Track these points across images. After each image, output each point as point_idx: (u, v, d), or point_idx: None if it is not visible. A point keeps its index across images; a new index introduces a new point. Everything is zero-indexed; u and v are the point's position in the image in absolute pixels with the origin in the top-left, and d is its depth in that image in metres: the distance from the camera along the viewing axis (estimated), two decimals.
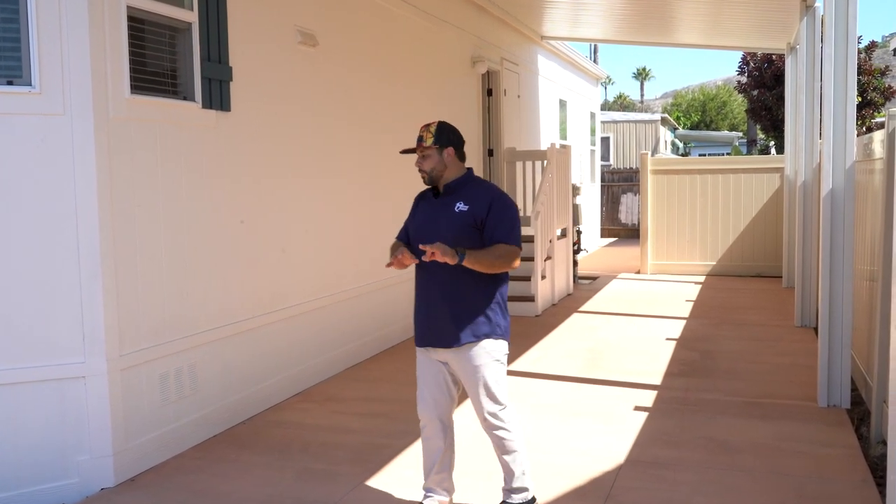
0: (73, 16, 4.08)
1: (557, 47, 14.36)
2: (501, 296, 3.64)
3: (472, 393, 3.62)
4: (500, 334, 3.61)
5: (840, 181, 5.31)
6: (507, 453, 3.67)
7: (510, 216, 3.58)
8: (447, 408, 3.77)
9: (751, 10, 10.17)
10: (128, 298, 4.42)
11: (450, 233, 3.54)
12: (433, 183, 3.72)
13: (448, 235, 3.52)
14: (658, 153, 27.38)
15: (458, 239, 3.50)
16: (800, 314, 8.26)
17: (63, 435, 4.23)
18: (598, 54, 35.69)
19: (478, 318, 3.55)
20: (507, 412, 3.64)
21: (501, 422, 3.63)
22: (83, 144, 4.15)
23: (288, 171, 5.97)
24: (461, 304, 3.54)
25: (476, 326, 3.55)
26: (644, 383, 6.13)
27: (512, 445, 3.66)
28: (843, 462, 4.43)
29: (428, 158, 3.67)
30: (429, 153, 3.67)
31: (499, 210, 3.56)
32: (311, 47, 6.23)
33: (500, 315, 3.62)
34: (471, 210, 3.55)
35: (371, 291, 7.25)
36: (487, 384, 3.58)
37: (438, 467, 3.81)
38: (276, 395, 5.77)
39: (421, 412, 3.78)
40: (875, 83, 21.36)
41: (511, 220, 3.57)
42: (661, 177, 12.48)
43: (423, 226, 3.69)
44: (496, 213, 3.55)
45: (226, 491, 4.23)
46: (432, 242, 3.43)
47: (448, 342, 3.56)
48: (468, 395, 3.66)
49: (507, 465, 3.70)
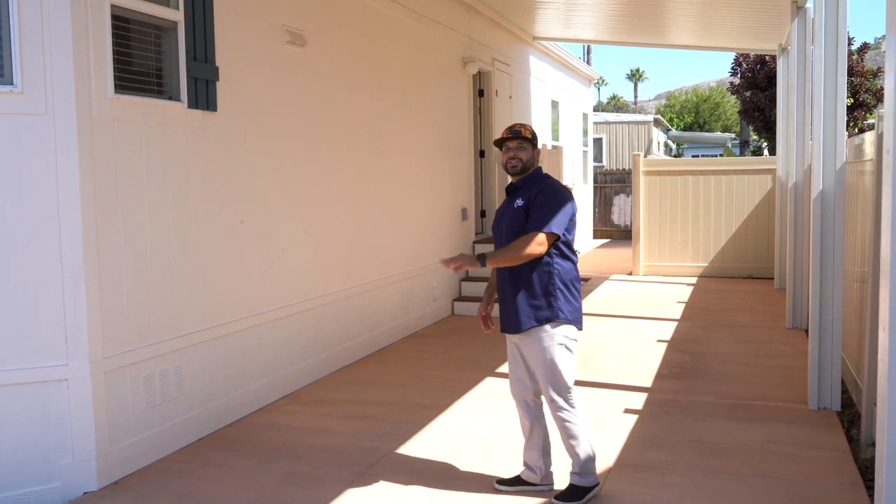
0: (56, 15, 4.04)
1: (549, 48, 14.35)
2: (563, 282, 3.83)
3: (538, 376, 3.89)
4: (563, 318, 3.81)
5: (830, 182, 5.30)
6: (571, 437, 3.89)
7: (546, 206, 3.79)
8: (528, 389, 4.02)
9: (743, 11, 10.16)
10: (112, 300, 4.37)
11: (510, 226, 3.87)
12: (522, 173, 3.98)
13: (508, 228, 3.88)
14: (651, 154, 27.40)
15: (516, 231, 3.82)
16: (791, 316, 8.25)
17: (45, 438, 4.18)
18: (591, 55, 35.73)
19: (538, 303, 3.81)
20: (571, 396, 3.87)
21: (565, 406, 3.86)
22: (66, 144, 4.11)
23: (275, 171, 5.92)
24: (522, 291, 3.82)
25: (538, 312, 3.81)
26: (634, 385, 6.10)
27: (575, 430, 3.87)
28: (832, 465, 4.41)
29: (525, 150, 3.96)
30: (525, 146, 3.97)
31: (538, 202, 3.82)
32: (299, 47, 6.19)
33: (562, 300, 3.82)
34: (524, 205, 3.86)
35: (359, 293, 7.21)
36: (549, 368, 3.83)
37: (527, 444, 4.10)
38: (263, 397, 5.72)
39: (511, 392, 4.12)
40: (867, 85, 21.41)
41: (545, 209, 3.77)
42: (653, 178, 12.47)
43: (496, 218, 4.07)
44: (535, 205, 3.82)
45: (211, 494, 4.19)
46: (500, 233, 3.93)
47: (516, 328, 3.87)
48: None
49: (571, 450, 3.92)
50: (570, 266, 3.88)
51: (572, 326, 3.87)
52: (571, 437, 3.89)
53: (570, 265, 3.88)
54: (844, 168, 5.32)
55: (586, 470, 3.94)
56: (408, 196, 8.32)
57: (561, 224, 3.78)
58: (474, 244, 10.25)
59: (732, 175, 12.17)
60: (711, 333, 8.08)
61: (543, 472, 4.10)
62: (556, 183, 3.94)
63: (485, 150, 10.99)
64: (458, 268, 3.70)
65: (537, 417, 4.07)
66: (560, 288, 3.82)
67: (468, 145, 10.24)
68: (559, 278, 3.82)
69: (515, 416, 5.34)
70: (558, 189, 3.90)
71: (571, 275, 3.88)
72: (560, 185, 3.96)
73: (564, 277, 3.84)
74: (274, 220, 5.90)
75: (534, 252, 3.72)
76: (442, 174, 9.31)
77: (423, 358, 7.20)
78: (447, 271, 9.33)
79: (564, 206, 3.82)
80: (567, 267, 3.86)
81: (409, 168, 8.34)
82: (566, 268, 3.86)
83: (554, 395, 3.86)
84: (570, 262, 3.88)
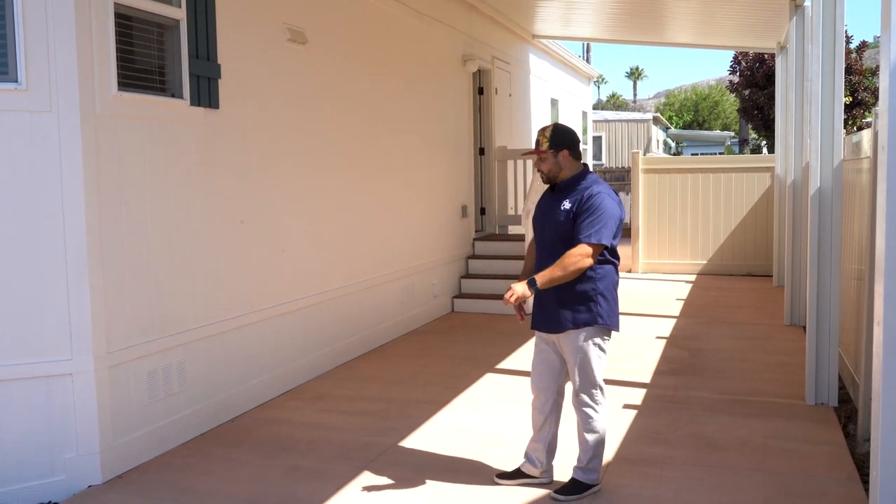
0: (60, 12, 4.07)
1: (549, 46, 14.37)
2: (604, 286, 3.89)
3: (570, 371, 3.99)
4: (602, 323, 3.89)
5: (827, 180, 5.33)
6: (589, 431, 3.99)
7: (595, 213, 3.78)
8: (553, 384, 4.09)
9: (742, 9, 10.19)
10: (115, 295, 4.41)
11: (555, 229, 3.89)
12: (552, 182, 4.02)
13: (553, 231, 3.90)
14: (650, 152, 27.42)
15: (562, 235, 3.85)
16: (789, 313, 8.28)
17: (50, 432, 4.21)
18: (590, 53, 35.74)
19: (579, 307, 3.87)
20: (598, 394, 3.98)
21: (590, 402, 3.97)
22: (70, 141, 4.14)
23: (276, 168, 5.96)
24: (564, 295, 3.88)
25: (577, 315, 3.88)
26: (633, 381, 6.14)
27: (595, 426, 3.99)
28: (829, 459, 4.45)
29: (545, 161, 3.96)
30: (545, 156, 3.96)
31: (586, 208, 3.81)
32: (300, 45, 6.22)
33: (602, 305, 3.88)
34: (571, 208, 3.86)
35: (361, 290, 7.25)
36: (583, 366, 3.93)
37: (535, 436, 4.16)
38: (264, 393, 5.76)
39: (531, 385, 4.18)
40: (865, 83, 21.45)
41: (594, 217, 3.78)
42: (652, 176, 12.50)
43: (538, 220, 4.07)
44: (584, 210, 3.81)
45: (213, 489, 4.23)
46: (543, 236, 3.97)
47: (556, 328, 3.94)
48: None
49: (585, 443, 4.00)
50: (612, 270, 3.94)
51: (608, 328, 3.95)
52: (589, 431, 3.98)
53: (612, 269, 3.94)
54: (842, 166, 5.36)
55: (592, 467, 4.00)
56: (408, 193, 8.36)
57: (609, 234, 3.80)
58: (474, 241, 10.29)
59: (731, 173, 12.20)
60: (710, 330, 8.12)
61: (544, 466, 4.15)
62: (604, 189, 3.88)
63: (485, 148, 11.02)
64: (517, 300, 3.73)
65: (553, 413, 4.12)
66: (601, 293, 3.88)
67: (468, 143, 10.28)
68: (601, 283, 3.88)
69: (515, 412, 5.38)
70: (607, 196, 3.84)
71: (612, 279, 3.94)
72: (608, 191, 3.89)
73: (606, 282, 3.90)
74: (275, 217, 5.94)
75: (583, 266, 3.76)
76: (442, 172, 9.35)
77: (424, 354, 7.24)
78: (447, 268, 9.38)
79: (613, 216, 3.81)
80: (609, 271, 3.92)
81: (409, 165, 8.38)
82: (608, 272, 3.92)
83: (582, 392, 3.96)
84: (612, 267, 3.94)
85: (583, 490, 3.98)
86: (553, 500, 3.97)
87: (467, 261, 10.02)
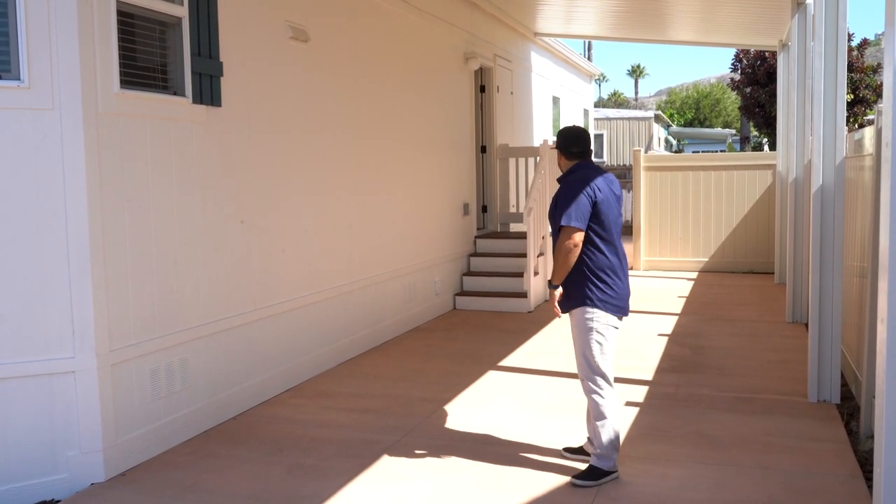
0: (62, 10, 4.07)
1: (551, 44, 14.37)
2: (593, 270, 4.07)
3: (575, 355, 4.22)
4: (594, 304, 4.07)
5: (830, 177, 5.33)
6: (597, 419, 4.13)
7: (561, 203, 4.06)
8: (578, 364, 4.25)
9: (743, 7, 10.18)
10: (118, 293, 4.41)
11: (551, 223, 4.21)
12: None
13: (551, 224, 4.23)
14: (651, 150, 27.42)
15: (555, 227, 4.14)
16: (791, 310, 8.28)
17: (53, 430, 4.22)
18: (592, 51, 35.75)
19: (575, 290, 4.11)
20: (601, 381, 4.13)
21: (593, 388, 4.14)
22: (72, 139, 4.14)
23: (278, 166, 5.96)
24: (567, 280, 4.12)
25: (572, 297, 4.13)
26: (635, 379, 6.14)
27: (602, 412, 4.12)
28: (831, 457, 4.45)
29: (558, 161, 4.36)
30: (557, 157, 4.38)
31: (556, 198, 4.14)
32: (302, 42, 6.22)
33: (590, 288, 4.07)
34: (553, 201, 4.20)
35: (363, 287, 7.26)
36: (580, 349, 4.14)
37: (587, 417, 4.31)
38: (267, 390, 5.77)
39: None
40: (867, 81, 21.44)
41: (563, 201, 4.05)
42: (653, 173, 12.50)
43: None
44: (557, 198, 4.13)
45: (216, 486, 4.23)
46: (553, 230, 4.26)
47: (564, 310, 4.22)
48: None
49: (594, 430, 4.15)
50: (601, 255, 4.07)
51: (605, 313, 4.08)
52: (598, 418, 4.13)
53: (600, 254, 4.07)
54: (844, 163, 5.35)
55: (606, 453, 4.12)
56: (410, 191, 8.36)
57: (580, 216, 3.99)
58: (476, 239, 10.29)
59: (733, 170, 12.20)
60: (712, 327, 8.12)
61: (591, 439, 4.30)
62: (572, 177, 4.15)
63: (486, 146, 11.03)
64: (551, 302, 4.16)
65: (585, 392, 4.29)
66: (591, 275, 4.06)
67: (470, 141, 10.27)
68: (589, 267, 4.07)
69: (517, 409, 5.39)
70: (569, 182, 4.11)
71: (603, 263, 4.08)
72: (574, 177, 4.13)
73: (595, 266, 4.07)
74: (277, 215, 5.94)
75: (568, 250, 4.01)
76: (444, 170, 9.35)
77: (426, 352, 7.24)
78: (449, 266, 9.39)
79: (577, 198, 4.00)
80: (598, 256, 4.07)
81: (411, 163, 8.38)
82: (597, 256, 4.08)
83: (584, 376, 4.16)
84: (599, 251, 4.07)
85: (600, 476, 4.11)
86: (572, 485, 4.09)
87: (469, 258, 10.02)
